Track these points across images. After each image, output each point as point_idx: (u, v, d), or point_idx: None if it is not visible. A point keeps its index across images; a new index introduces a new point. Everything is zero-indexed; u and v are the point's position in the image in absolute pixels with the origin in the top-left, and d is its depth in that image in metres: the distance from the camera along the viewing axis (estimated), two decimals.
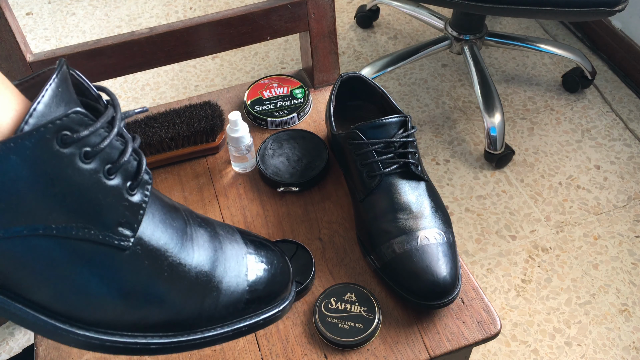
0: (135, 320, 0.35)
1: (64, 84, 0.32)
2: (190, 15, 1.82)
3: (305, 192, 0.73)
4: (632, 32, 1.53)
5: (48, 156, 0.30)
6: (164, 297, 0.35)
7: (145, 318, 0.35)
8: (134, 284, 0.34)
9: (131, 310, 0.34)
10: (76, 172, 0.31)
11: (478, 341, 0.60)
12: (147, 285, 0.35)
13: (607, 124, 1.47)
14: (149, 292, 0.35)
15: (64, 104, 0.31)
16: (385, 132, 0.65)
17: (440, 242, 0.61)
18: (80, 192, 0.31)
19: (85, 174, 0.31)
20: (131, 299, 0.34)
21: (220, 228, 0.42)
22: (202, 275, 0.37)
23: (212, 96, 0.85)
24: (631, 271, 1.20)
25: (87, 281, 0.33)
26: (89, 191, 0.32)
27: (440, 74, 1.61)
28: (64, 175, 0.30)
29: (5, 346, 1.15)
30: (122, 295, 0.34)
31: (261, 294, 0.41)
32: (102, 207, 0.32)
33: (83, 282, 0.33)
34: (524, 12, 1.13)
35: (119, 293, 0.34)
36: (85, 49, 0.71)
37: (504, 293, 1.18)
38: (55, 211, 0.31)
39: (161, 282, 0.35)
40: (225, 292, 0.38)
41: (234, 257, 0.40)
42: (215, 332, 0.38)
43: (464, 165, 1.39)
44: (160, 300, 0.35)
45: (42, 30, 1.80)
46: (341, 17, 1.79)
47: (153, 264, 0.35)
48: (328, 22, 0.79)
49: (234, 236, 0.43)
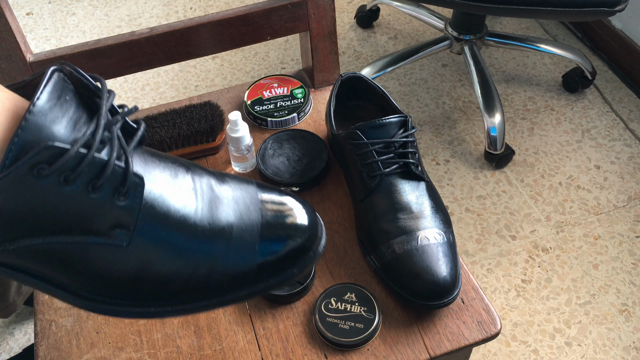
0: (149, 293, 0.38)
1: (55, 93, 0.33)
2: (190, 15, 1.82)
3: (305, 192, 0.73)
4: (632, 32, 1.53)
5: (28, 189, 0.32)
6: (170, 272, 0.37)
7: (156, 292, 0.38)
8: (141, 266, 0.37)
9: (142, 286, 0.37)
10: (60, 196, 0.33)
11: (478, 341, 0.60)
12: (154, 264, 0.37)
13: (607, 124, 1.47)
14: (156, 270, 0.37)
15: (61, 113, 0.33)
16: (385, 132, 0.65)
17: (441, 242, 0.61)
18: (68, 211, 0.34)
19: (69, 196, 0.33)
20: (140, 278, 0.37)
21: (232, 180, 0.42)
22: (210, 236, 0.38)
23: (212, 96, 0.85)
24: (631, 271, 1.20)
25: (97, 272, 0.36)
26: (77, 208, 0.34)
27: (441, 74, 1.61)
28: (48, 202, 0.33)
29: (6, 346, 1.15)
30: (132, 277, 0.37)
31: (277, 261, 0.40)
32: (93, 218, 0.34)
33: (95, 273, 0.36)
34: (524, 12, 1.13)
35: (128, 278, 0.37)
36: (86, 49, 0.71)
37: (504, 293, 1.18)
38: (51, 229, 0.34)
39: (167, 256, 0.37)
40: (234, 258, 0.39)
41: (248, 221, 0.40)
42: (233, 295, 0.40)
43: (464, 165, 1.39)
44: (165, 275, 0.37)
45: (42, 30, 1.80)
46: (341, 17, 1.79)
47: (157, 246, 0.37)
48: (328, 22, 0.79)
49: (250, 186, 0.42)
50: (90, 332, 0.62)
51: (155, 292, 0.38)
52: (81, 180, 0.33)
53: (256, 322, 0.62)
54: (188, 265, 0.38)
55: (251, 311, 0.63)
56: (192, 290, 0.38)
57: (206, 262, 0.38)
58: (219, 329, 0.62)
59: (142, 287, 0.37)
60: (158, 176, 0.37)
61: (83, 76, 0.36)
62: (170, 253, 0.37)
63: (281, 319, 0.62)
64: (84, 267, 0.36)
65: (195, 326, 0.62)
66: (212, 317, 0.63)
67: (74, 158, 0.33)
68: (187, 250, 0.37)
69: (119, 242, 0.36)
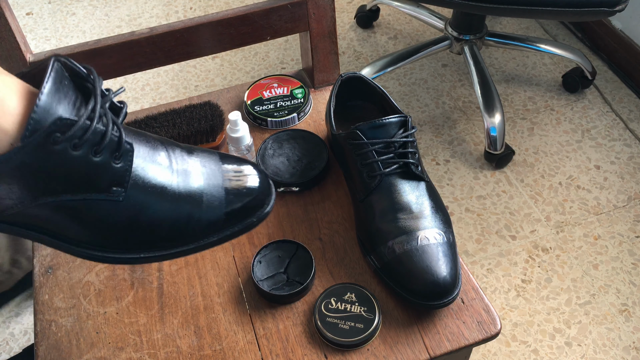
0: (138, 241, 0.48)
1: (57, 79, 0.41)
2: (190, 15, 1.82)
3: (305, 192, 0.73)
4: (632, 32, 1.53)
5: (46, 154, 0.40)
6: (157, 221, 0.47)
7: (145, 240, 0.48)
8: (133, 217, 0.46)
9: (133, 235, 0.47)
10: (70, 159, 0.42)
11: (478, 341, 0.60)
12: (143, 214, 0.47)
13: (607, 124, 1.47)
14: (146, 220, 0.47)
15: (63, 95, 0.41)
16: (385, 132, 0.65)
17: (441, 242, 0.61)
18: (77, 172, 0.42)
19: (77, 159, 0.42)
20: (133, 228, 0.47)
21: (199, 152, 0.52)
22: (186, 194, 0.48)
23: (212, 96, 0.85)
24: (631, 271, 1.20)
25: (98, 224, 0.46)
26: (83, 170, 0.43)
27: (441, 74, 1.61)
28: (61, 164, 0.41)
29: (6, 346, 1.15)
30: (125, 226, 0.46)
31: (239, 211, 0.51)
32: (96, 177, 0.44)
33: (97, 225, 0.46)
34: (524, 12, 1.13)
35: (122, 228, 0.46)
36: (86, 49, 0.71)
37: (504, 293, 1.18)
38: (62, 188, 0.42)
39: (154, 207, 0.47)
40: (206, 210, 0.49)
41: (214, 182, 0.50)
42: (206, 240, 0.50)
43: (464, 165, 1.39)
44: (153, 223, 0.47)
45: (42, 30, 1.80)
46: (341, 17, 1.79)
47: (145, 199, 0.47)
48: (328, 22, 0.79)
49: (213, 157, 0.52)
50: (90, 332, 0.62)
51: (143, 240, 0.48)
52: (86, 146, 0.42)
53: (256, 322, 0.62)
54: (169, 217, 0.48)
55: (251, 311, 0.63)
56: (173, 238, 0.48)
57: (183, 214, 0.48)
58: (219, 329, 0.62)
59: (133, 236, 0.47)
60: (141, 147, 0.47)
61: (75, 65, 0.43)
62: (155, 207, 0.47)
63: (281, 319, 0.62)
64: (88, 220, 0.45)
65: (195, 326, 0.62)
66: (212, 317, 0.63)
67: (81, 128, 0.41)
68: (168, 206, 0.47)
69: (115, 197, 0.45)
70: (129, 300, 0.64)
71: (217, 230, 0.50)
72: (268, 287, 0.62)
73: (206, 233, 0.50)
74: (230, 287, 0.65)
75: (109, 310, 0.64)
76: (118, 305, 0.64)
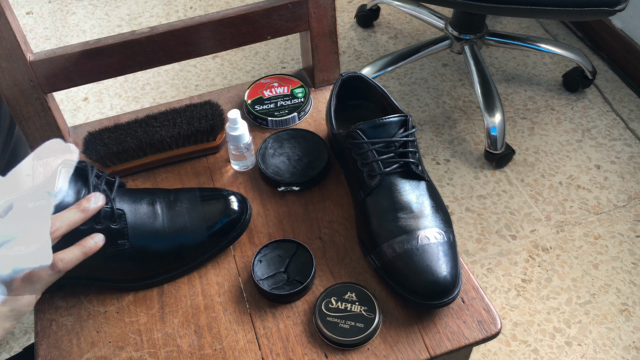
0: (143, 274, 0.64)
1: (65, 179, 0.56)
2: (190, 14, 1.82)
3: (305, 191, 0.73)
4: (632, 32, 1.53)
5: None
6: (155, 256, 0.63)
7: (154, 267, 0.64)
8: (139, 256, 0.62)
9: (140, 269, 0.63)
10: (81, 233, 0.56)
11: (478, 341, 0.60)
12: (147, 251, 0.62)
13: (607, 124, 1.47)
14: (150, 255, 0.62)
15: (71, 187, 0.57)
16: (385, 131, 0.65)
17: (441, 242, 0.61)
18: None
19: (85, 232, 0.56)
20: (143, 263, 0.63)
21: (180, 193, 0.66)
22: (174, 230, 0.63)
23: (212, 95, 0.85)
24: (631, 271, 1.20)
25: (117, 266, 0.62)
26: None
27: (441, 74, 1.61)
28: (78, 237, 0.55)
29: (6, 345, 1.15)
30: (135, 264, 0.62)
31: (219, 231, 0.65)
32: (105, 238, 0.58)
33: (116, 267, 0.62)
34: (524, 11, 1.13)
35: (133, 265, 0.62)
36: (86, 49, 0.71)
37: (504, 293, 1.18)
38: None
39: (153, 246, 0.62)
40: (193, 238, 0.64)
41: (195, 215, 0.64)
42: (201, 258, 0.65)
43: (464, 164, 1.39)
44: (156, 256, 0.63)
45: (43, 30, 1.80)
46: (342, 16, 1.79)
47: (145, 242, 0.62)
48: (328, 21, 0.79)
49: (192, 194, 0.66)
50: (90, 331, 0.62)
51: (152, 268, 0.64)
52: (89, 222, 0.57)
53: (256, 322, 0.62)
54: (166, 249, 0.63)
55: (251, 310, 0.63)
56: (174, 262, 0.64)
57: (176, 244, 0.63)
58: (219, 328, 0.62)
59: (144, 268, 0.63)
60: (132, 208, 0.62)
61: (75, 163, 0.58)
62: (154, 245, 0.62)
63: (281, 318, 0.62)
64: (111, 265, 0.61)
65: (196, 325, 0.62)
66: (212, 316, 0.63)
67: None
68: (162, 242, 0.63)
69: (122, 247, 0.61)
70: (130, 299, 0.64)
71: (205, 251, 0.65)
72: (268, 287, 0.62)
73: (197, 254, 0.64)
74: (230, 287, 0.65)
75: (109, 309, 0.64)
76: (118, 305, 0.64)
